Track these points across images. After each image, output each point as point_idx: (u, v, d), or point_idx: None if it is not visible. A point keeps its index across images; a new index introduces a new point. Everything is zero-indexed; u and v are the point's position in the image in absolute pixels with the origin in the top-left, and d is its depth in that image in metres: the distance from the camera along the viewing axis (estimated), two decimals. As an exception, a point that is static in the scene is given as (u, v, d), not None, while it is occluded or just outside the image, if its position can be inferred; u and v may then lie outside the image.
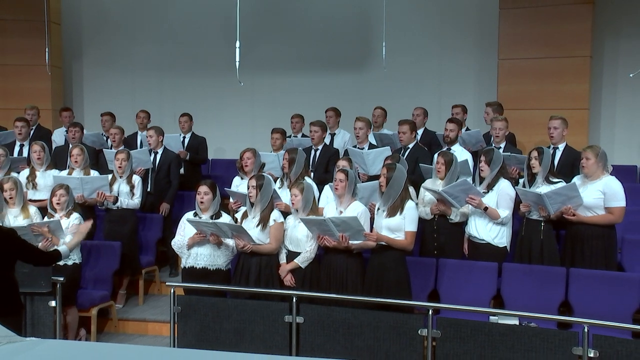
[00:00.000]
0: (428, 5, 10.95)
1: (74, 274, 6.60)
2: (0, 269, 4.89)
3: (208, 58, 11.65)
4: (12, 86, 11.28)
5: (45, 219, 6.56)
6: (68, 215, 6.58)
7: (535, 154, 6.41)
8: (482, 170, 6.47)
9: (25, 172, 7.85)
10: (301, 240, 6.09)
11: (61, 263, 6.38)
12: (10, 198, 6.62)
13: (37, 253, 5.19)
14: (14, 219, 6.58)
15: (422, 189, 6.75)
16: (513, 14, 9.69)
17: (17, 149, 8.89)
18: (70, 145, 8.19)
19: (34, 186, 7.75)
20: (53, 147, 9.29)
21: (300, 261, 6.08)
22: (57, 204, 6.55)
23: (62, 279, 6.09)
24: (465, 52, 10.79)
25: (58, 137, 9.89)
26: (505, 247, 6.41)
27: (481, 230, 6.39)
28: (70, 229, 6.49)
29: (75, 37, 12.35)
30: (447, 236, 6.61)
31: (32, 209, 6.80)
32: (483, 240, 6.40)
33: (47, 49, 10.45)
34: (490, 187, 6.40)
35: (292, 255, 6.15)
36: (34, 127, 9.60)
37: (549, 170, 6.39)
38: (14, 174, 7.55)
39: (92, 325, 6.90)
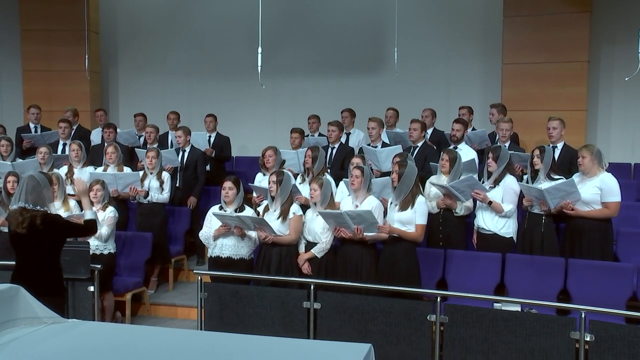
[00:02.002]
0: (437, 14, 10.87)
1: (110, 262, 6.63)
2: (49, 253, 4.95)
3: (232, 63, 11.66)
4: (55, 90, 11.39)
5: (83, 212, 6.58)
6: (104, 208, 6.61)
7: (537, 152, 6.36)
8: (489, 166, 6.42)
9: (64, 169, 7.90)
10: (317, 232, 6.08)
11: (97, 252, 6.45)
12: (53, 192, 6.65)
13: (80, 227, 5.25)
14: (56, 211, 6.59)
15: (427, 184, 6.71)
16: (516, 22, 9.63)
17: (60, 147, 8.97)
18: (106, 144, 8.23)
19: (72, 182, 7.79)
20: (92, 146, 9.36)
21: (317, 251, 6.06)
22: (94, 197, 6.56)
23: (99, 266, 6.12)
24: (471, 57, 10.71)
25: (95, 136, 9.94)
26: (512, 237, 6.35)
27: (488, 222, 6.35)
28: (106, 221, 6.52)
29: (111, 45, 12.41)
30: (452, 228, 6.57)
31: (72, 203, 6.83)
32: (490, 231, 6.35)
33: (86, 56, 10.55)
34: (496, 182, 6.35)
35: (310, 246, 6.13)
36: (75, 127, 9.67)
37: (550, 168, 6.34)
38: (55, 170, 7.62)
39: (127, 309, 6.94)
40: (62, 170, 7.85)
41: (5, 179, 6.97)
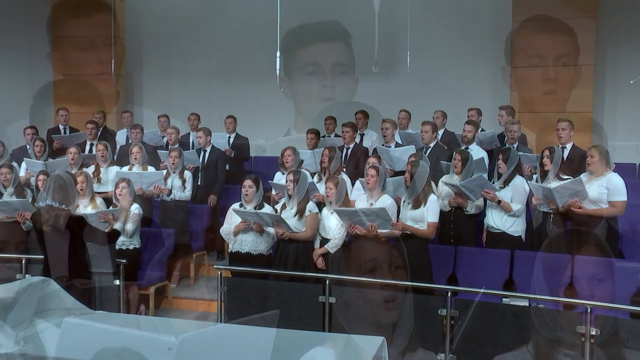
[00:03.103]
0: (448, 19, 10.81)
1: (135, 257, 6.67)
2: (74, 249, 5.00)
3: (251, 67, 11.63)
4: (84, 93, 11.47)
5: (110, 208, 6.63)
6: (129, 205, 6.63)
7: (547, 152, 6.33)
8: (499, 167, 6.38)
9: (91, 168, 7.95)
10: (331, 229, 6.07)
11: (123, 247, 6.48)
12: (81, 190, 6.67)
13: (102, 234, 5.27)
14: (84, 208, 6.65)
15: (440, 183, 6.69)
16: (525, 26, 9.58)
17: (87, 147, 9.03)
18: (131, 144, 8.27)
19: (99, 180, 7.83)
20: (117, 146, 9.41)
21: (330, 247, 6.05)
22: (120, 194, 6.61)
23: (124, 261, 6.16)
24: (481, 61, 10.64)
25: (120, 137, 10.00)
26: (520, 236, 6.31)
27: (497, 221, 6.31)
28: (131, 217, 6.55)
29: (136, 50, 12.47)
30: (463, 226, 6.54)
31: (99, 200, 6.86)
32: (499, 230, 6.31)
33: (112, 61, 10.61)
34: (506, 182, 6.31)
35: (324, 242, 6.12)
36: (101, 129, 9.73)
37: (560, 168, 6.30)
38: (85, 169, 7.67)
39: (151, 302, 6.98)
40: (90, 170, 7.89)
41: (37, 177, 7.04)
